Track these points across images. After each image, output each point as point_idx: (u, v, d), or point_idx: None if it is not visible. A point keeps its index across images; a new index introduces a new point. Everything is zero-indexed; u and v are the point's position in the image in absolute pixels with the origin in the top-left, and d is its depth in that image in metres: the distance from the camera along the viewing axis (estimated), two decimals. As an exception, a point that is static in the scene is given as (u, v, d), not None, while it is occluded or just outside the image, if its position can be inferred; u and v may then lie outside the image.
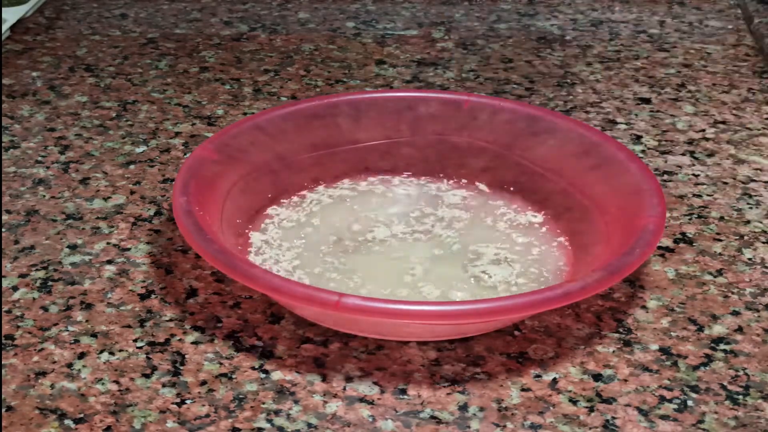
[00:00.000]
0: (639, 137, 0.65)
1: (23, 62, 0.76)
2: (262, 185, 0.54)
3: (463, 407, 0.43)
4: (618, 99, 0.70)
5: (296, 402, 0.43)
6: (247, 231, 0.52)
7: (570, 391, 0.44)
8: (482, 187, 0.56)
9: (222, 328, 0.47)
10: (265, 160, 0.55)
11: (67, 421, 0.42)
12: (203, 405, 0.43)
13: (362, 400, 0.43)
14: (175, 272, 0.51)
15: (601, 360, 0.46)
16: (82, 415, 0.42)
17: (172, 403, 0.43)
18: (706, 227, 0.56)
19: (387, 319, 0.42)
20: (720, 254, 0.53)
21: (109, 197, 0.58)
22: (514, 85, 0.72)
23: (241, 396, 0.43)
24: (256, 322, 0.48)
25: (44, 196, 0.58)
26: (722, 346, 0.47)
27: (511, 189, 0.56)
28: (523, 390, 0.44)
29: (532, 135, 0.56)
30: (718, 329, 0.48)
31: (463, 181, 0.57)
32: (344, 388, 0.44)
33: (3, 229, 0.55)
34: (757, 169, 0.61)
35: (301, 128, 0.56)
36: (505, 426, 0.42)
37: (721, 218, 0.56)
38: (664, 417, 0.42)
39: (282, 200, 0.55)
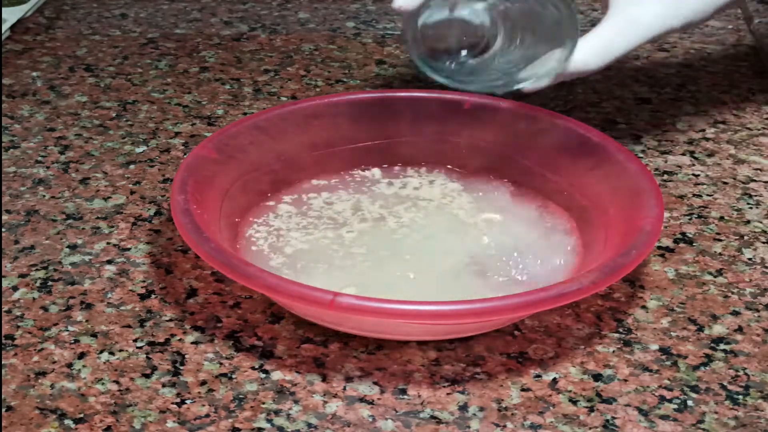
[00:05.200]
0: (639, 137, 0.65)
1: (23, 62, 0.76)
2: (261, 185, 0.54)
3: (463, 407, 0.43)
4: (618, 99, 0.70)
5: (296, 402, 0.43)
6: (245, 229, 0.52)
7: (570, 391, 0.44)
8: (481, 186, 0.56)
9: (222, 328, 0.47)
10: (264, 159, 0.55)
11: (67, 421, 0.42)
12: (203, 405, 0.43)
13: (362, 400, 0.43)
14: (175, 272, 0.51)
15: (601, 360, 0.46)
16: (82, 415, 0.42)
17: (172, 403, 0.43)
18: (706, 227, 0.56)
19: (382, 318, 0.42)
20: (720, 254, 0.53)
21: (109, 197, 0.58)
22: (514, 85, 0.72)
23: (241, 396, 0.43)
24: (256, 322, 0.48)
25: (44, 196, 0.58)
26: (722, 346, 0.47)
27: (511, 189, 0.56)
28: (523, 390, 0.44)
29: (532, 135, 0.56)
30: (718, 329, 0.48)
31: (463, 181, 0.57)
32: (344, 388, 0.44)
33: (3, 229, 0.55)
34: (757, 169, 0.61)
35: (301, 128, 0.56)
36: (505, 426, 0.42)
37: (721, 218, 0.56)
38: (664, 417, 0.42)
39: (281, 197, 0.55)
